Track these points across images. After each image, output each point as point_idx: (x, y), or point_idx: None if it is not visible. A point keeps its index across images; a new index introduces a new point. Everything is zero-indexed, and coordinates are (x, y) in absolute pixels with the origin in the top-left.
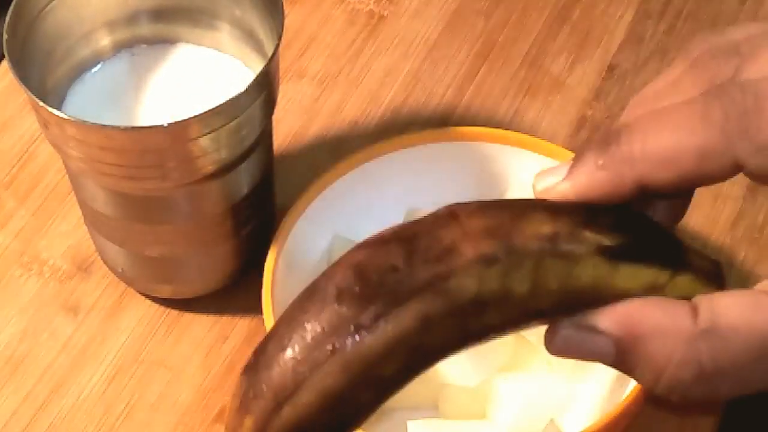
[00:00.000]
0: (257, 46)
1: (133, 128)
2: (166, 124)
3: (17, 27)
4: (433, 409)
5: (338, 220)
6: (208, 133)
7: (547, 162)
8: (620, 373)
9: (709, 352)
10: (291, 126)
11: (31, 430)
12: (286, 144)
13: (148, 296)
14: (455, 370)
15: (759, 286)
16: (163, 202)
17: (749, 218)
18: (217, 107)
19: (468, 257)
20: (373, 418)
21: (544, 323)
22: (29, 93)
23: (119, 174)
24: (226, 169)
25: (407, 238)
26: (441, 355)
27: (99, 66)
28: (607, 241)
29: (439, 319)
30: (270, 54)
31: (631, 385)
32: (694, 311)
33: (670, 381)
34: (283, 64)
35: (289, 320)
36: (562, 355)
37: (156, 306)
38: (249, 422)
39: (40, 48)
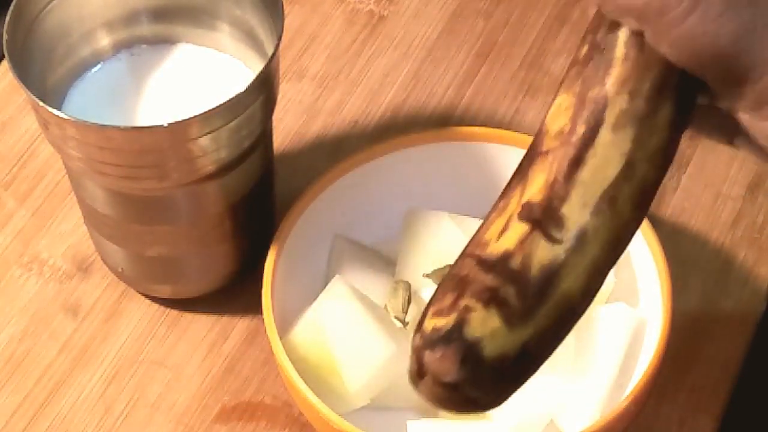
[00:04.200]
0: (257, 46)
1: (133, 128)
2: (166, 124)
3: (17, 27)
4: (433, 409)
5: (338, 220)
6: (208, 133)
7: None
8: (620, 373)
9: None
10: (291, 126)
11: (31, 430)
12: (286, 144)
13: (148, 296)
14: None
15: None
16: (162, 202)
17: (749, 218)
18: (217, 107)
19: None
20: (373, 417)
21: None
22: (29, 93)
23: (119, 174)
24: (226, 169)
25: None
26: None
27: (99, 66)
28: None
29: None
30: (270, 54)
31: (631, 385)
32: None
33: None
34: (283, 64)
35: None
36: None
37: (156, 306)
38: None
39: (40, 48)
